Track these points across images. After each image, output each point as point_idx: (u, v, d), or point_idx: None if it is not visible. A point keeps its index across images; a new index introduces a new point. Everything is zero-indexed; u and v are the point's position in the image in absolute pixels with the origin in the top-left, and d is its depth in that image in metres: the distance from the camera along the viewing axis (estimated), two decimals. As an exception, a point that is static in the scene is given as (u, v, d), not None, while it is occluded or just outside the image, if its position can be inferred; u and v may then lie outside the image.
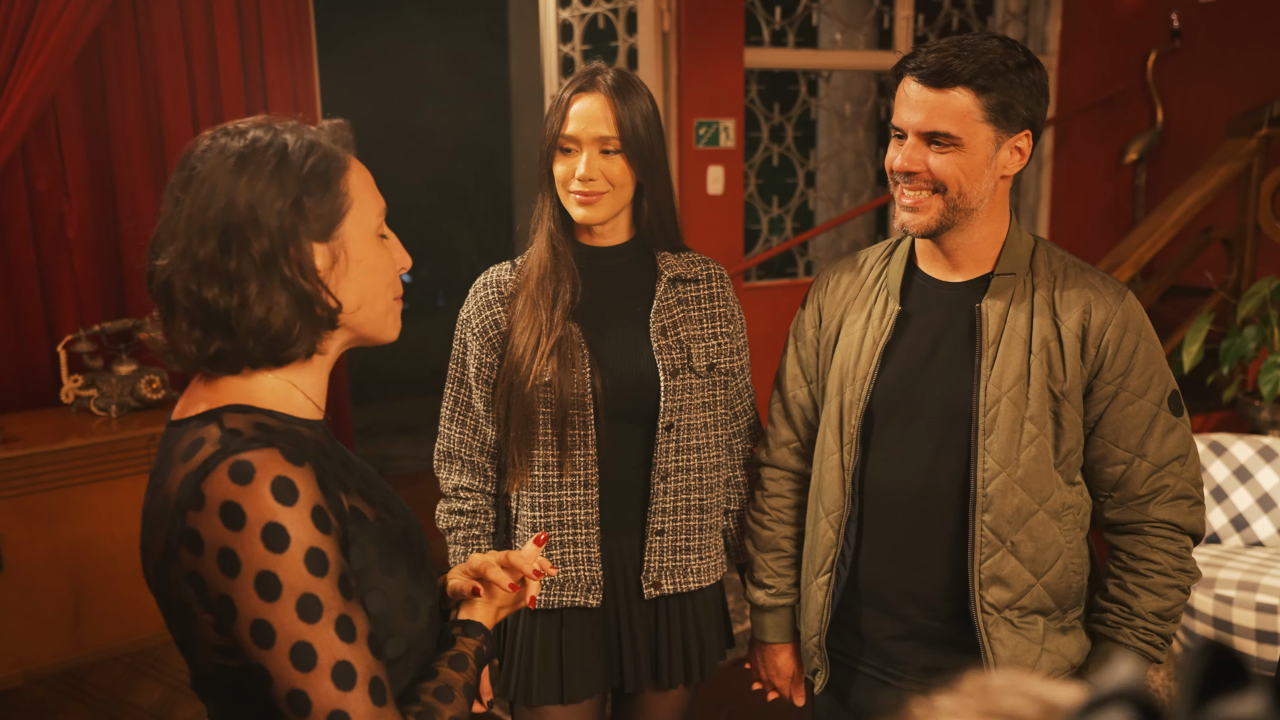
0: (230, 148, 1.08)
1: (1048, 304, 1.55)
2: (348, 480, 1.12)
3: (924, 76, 1.48)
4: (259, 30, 3.30)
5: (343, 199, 1.11)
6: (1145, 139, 5.37)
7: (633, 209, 1.78)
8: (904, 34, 5.00)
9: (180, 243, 1.06)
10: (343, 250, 1.11)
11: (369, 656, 1.01)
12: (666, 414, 1.74)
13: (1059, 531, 1.55)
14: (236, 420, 1.06)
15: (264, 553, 0.98)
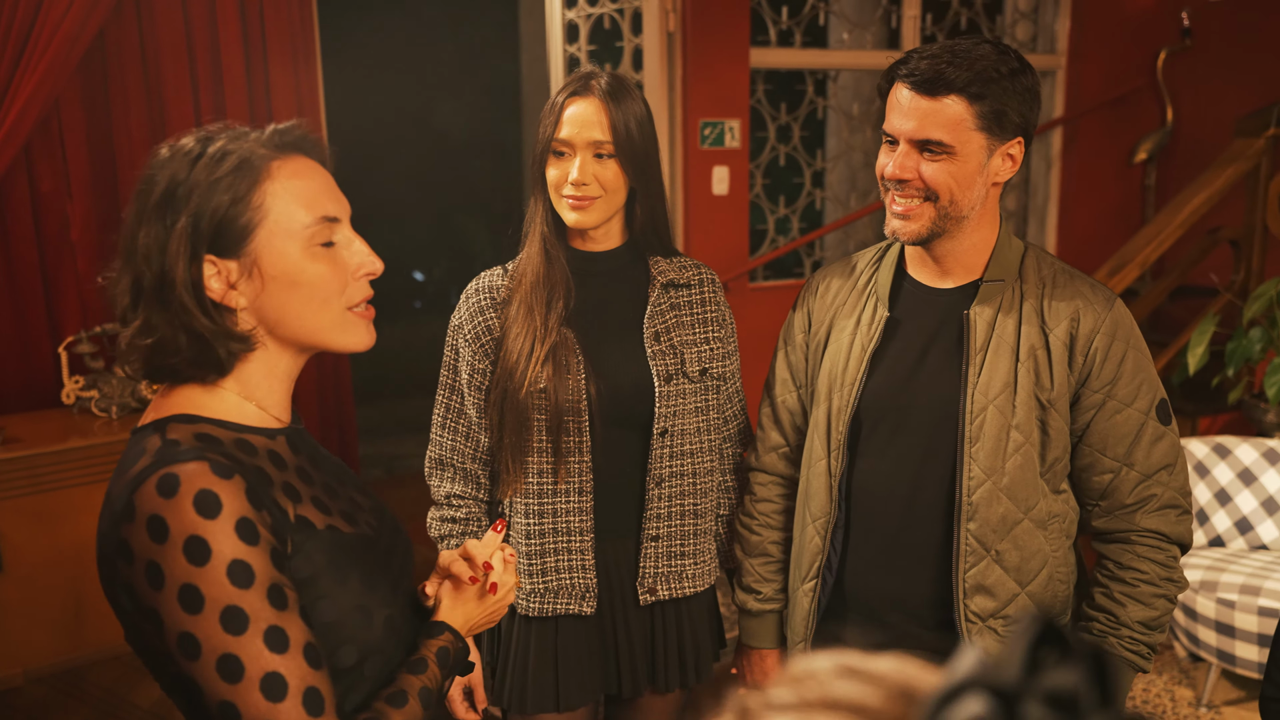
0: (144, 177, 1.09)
1: (1036, 311, 1.54)
2: (302, 488, 1.12)
3: (916, 84, 1.47)
4: (262, 32, 3.31)
5: (253, 213, 1.07)
6: (1155, 138, 5.34)
7: (626, 213, 1.78)
8: (911, 33, 4.98)
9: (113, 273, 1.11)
10: (255, 266, 1.08)
11: (304, 667, 1.00)
12: (661, 420, 1.74)
13: (1044, 540, 1.54)
14: (179, 431, 1.06)
15: (186, 566, 0.97)
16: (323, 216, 1.10)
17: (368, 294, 1.16)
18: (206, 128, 1.13)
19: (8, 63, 2.88)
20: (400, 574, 1.23)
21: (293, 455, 1.15)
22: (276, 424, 1.15)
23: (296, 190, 1.09)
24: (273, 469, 1.10)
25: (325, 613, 1.08)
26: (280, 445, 1.14)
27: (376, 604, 1.14)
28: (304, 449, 1.19)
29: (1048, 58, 5.33)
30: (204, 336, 1.07)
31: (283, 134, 1.13)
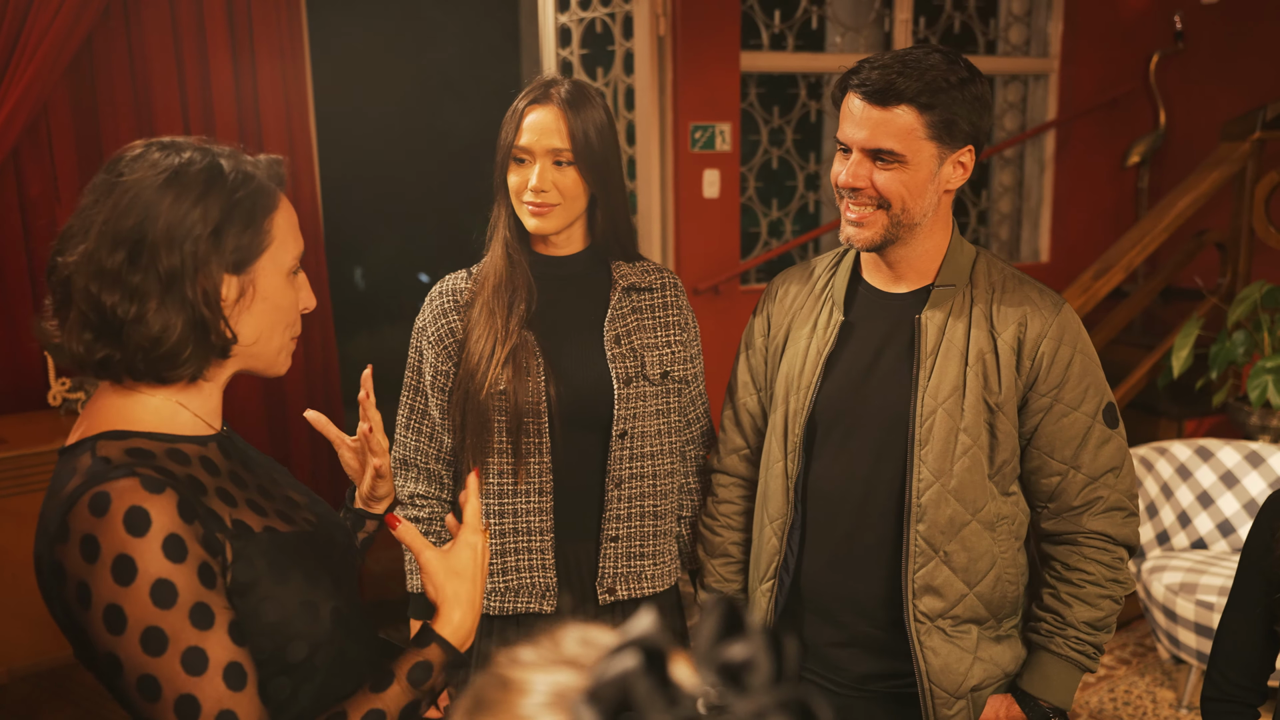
0: (162, 163, 1.09)
1: (985, 316, 1.56)
2: (236, 493, 1.14)
3: (868, 94, 1.49)
4: (250, 38, 3.35)
5: (264, 237, 1.13)
6: (1148, 141, 5.34)
7: (588, 219, 1.80)
8: (903, 37, 5.00)
9: (90, 245, 1.07)
10: (252, 285, 1.13)
11: (220, 689, 1.01)
12: (620, 421, 1.76)
13: (992, 542, 1.56)
14: (109, 448, 1.07)
15: (113, 586, 0.99)
16: (300, 251, 1.19)
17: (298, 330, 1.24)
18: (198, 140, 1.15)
19: (-4, 68, 2.92)
20: (342, 565, 1.25)
21: (225, 460, 1.18)
22: (209, 430, 1.18)
23: (292, 223, 1.18)
24: (206, 476, 1.12)
25: (270, 613, 1.10)
26: (212, 451, 1.16)
27: (321, 597, 1.16)
28: (235, 453, 1.21)
29: (1041, 61, 5.34)
30: (204, 341, 1.10)
31: (278, 166, 1.20)
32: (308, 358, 3.61)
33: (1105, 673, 3.38)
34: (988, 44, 5.35)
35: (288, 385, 3.55)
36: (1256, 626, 1.49)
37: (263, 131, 3.41)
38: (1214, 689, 1.54)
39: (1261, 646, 1.49)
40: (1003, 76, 5.40)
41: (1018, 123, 5.49)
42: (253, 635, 1.10)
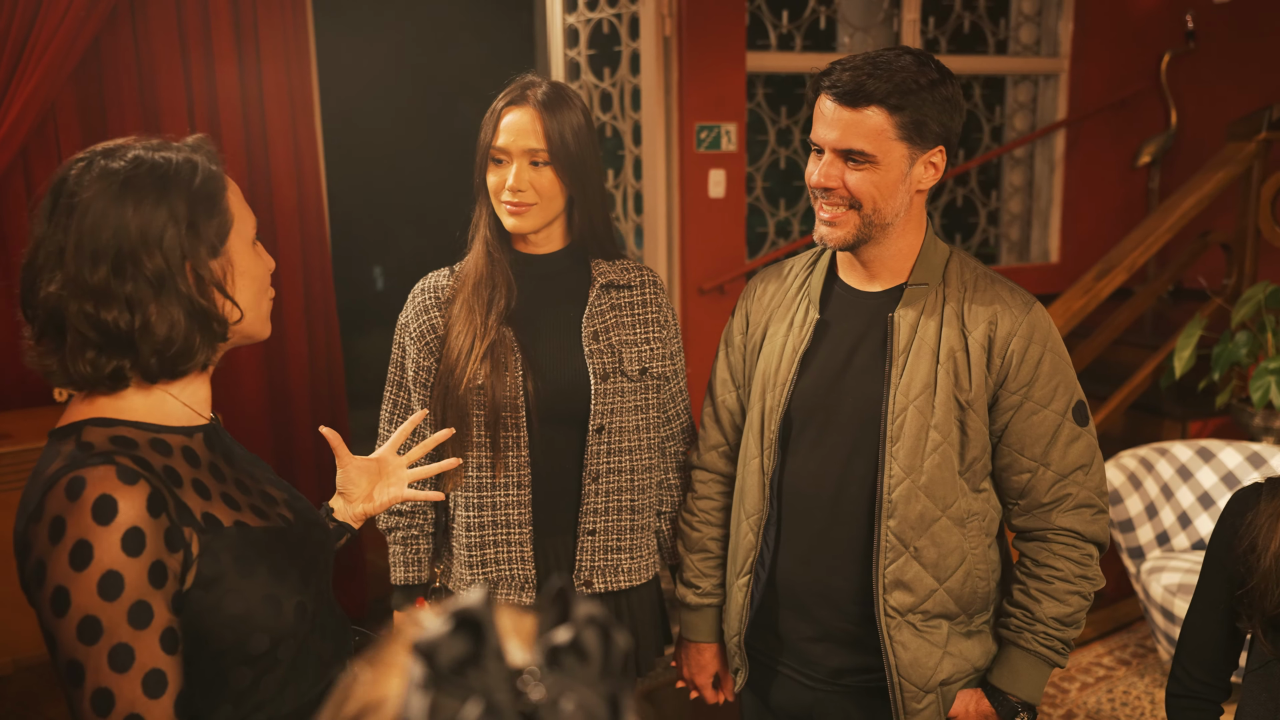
0: (111, 171, 1.11)
1: (957, 315, 1.57)
2: (212, 485, 1.17)
3: (838, 95, 1.51)
4: (255, 40, 3.39)
5: (227, 215, 1.17)
6: (1159, 141, 5.31)
7: (566, 218, 1.82)
8: (911, 36, 4.99)
9: (70, 269, 1.09)
10: (230, 264, 1.18)
11: (136, 690, 1.03)
12: (597, 417, 1.78)
13: (962, 538, 1.57)
14: (94, 434, 1.10)
15: (66, 569, 1.02)
16: (255, 220, 1.24)
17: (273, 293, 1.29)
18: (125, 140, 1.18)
19: (5, 67, 2.97)
20: (312, 562, 1.27)
21: (208, 452, 1.21)
22: (198, 420, 1.21)
23: (240, 196, 1.22)
24: (185, 467, 1.16)
25: (234, 605, 1.13)
26: (196, 443, 1.20)
27: (286, 592, 1.19)
28: (219, 446, 1.25)
29: (1051, 61, 5.32)
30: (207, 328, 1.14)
31: (207, 144, 1.22)
32: (312, 357, 3.65)
33: (1105, 673, 3.38)
34: (998, 43, 5.34)
35: (292, 384, 3.59)
36: (1220, 624, 1.49)
37: (268, 131, 3.45)
38: (1178, 685, 1.55)
39: (1224, 643, 1.50)
40: (1013, 76, 5.39)
41: (1028, 123, 5.48)
42: (216, 627, 1.13)
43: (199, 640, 1.12)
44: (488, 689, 0.47)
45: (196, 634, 1.12)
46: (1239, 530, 1.44)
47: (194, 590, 1.11)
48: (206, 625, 1.12)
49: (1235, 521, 1.46)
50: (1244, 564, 1.43)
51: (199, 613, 1.12)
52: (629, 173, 4.57)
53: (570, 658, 0.49)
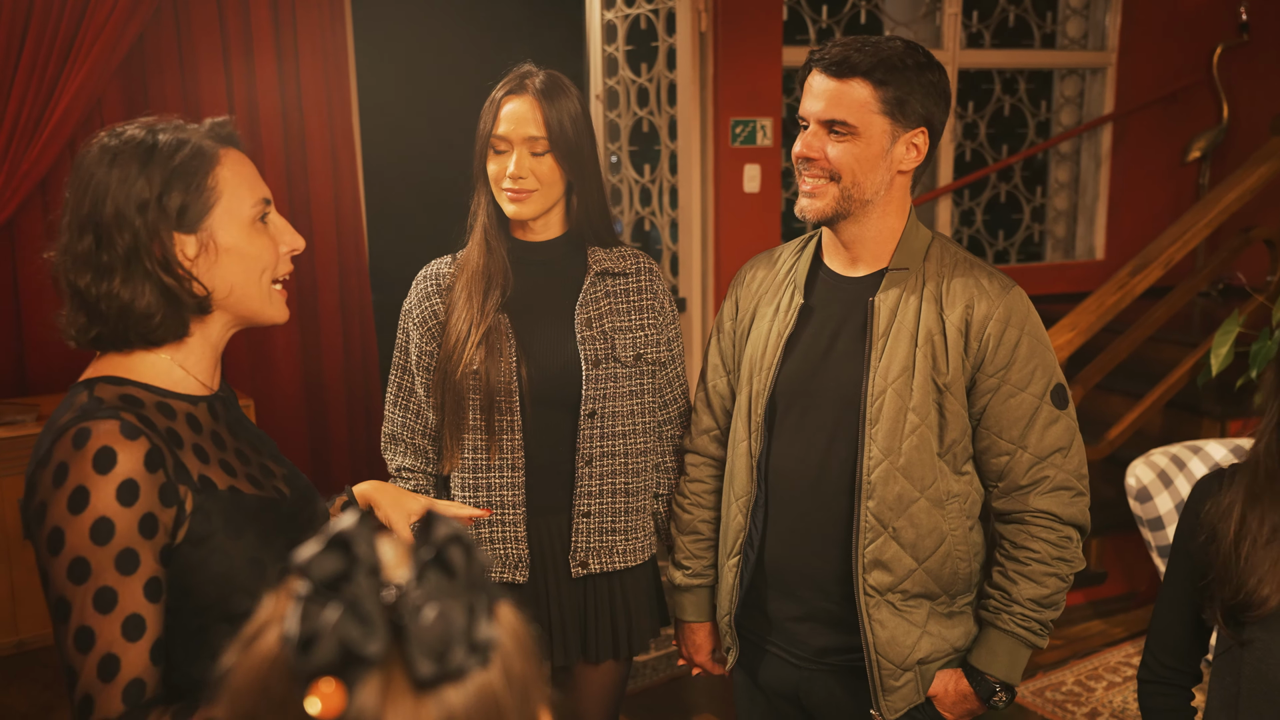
0: (107, 146, 1.18)
1: (935, 299, 1.58)
2: (212, 452, 1.23)
3: (825, 66, 1.55)
4: (294, 37, 3.49)
5: (209, 193, 1.21)
6: (1209, 136, 5.20)
7: (565, 205, 1.87)
8: (952, 31, 4.96)
9: (65, 237, 1.17)
10: (211, 240, 1.21)
11: (114, 632, 1.08)
12: (589, 402, 1.82)
13: (941, 519, 1.58)
14: (106, 390, 1.17)
15: (64, 511, 1.08)
16: (261, 197, 1.26)
17: (290, 269, 1.31)
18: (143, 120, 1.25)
19: (54, 64, 3.10)
20: (302, 535, 1.33)
21: (211, 421, 1.27)
22: (203, 390, 1.27)
23: (243, 174, 1.24)
24: (188, 432, 1.22)
25: (218, 564, 1.19)
26: (201, 411, 1.26)
27: (271, 558, 1.24)
28: (224, 416, 1.31)
29: (1098, 54, 5.24)
30: (175, 302, 1.19)
31: (220, 127, 1.27)
32: (347, 348, 3.74)
33: (1132, 673, 3.33)
34: (1044, 37, 5.27)
35: (326, 374, 3.69)
36: (1185, 611, 1.49)
37: (305, 126, 3.55)
38: (1148, 671, 1.54)
39: (1191, 631, 1.49)
40: (1059, 71, 5.32)
41: (1074, 118, 5.40)
42: (201, 583, 1.18)
43: (184, 594, 1.18)
44: (356, 599, 0.51)
45: (182, 588, 1.18)
46: (1201, 518, 1.44)
47: (184, 545, 1.17)
48: (192, 581, 1.18)
49: (1198, 509, 1.45)
50: (1204, 553, 1.42)
51: (186, 568, 1.17)
52: (664, 168, 4.60)
53: (437, 573, 0.53)
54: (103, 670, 1.08)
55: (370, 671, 0.51)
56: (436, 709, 0.52)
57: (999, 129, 5.32)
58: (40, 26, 3.08)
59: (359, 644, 0.50)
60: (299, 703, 0.51)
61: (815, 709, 1.72)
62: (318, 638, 0.50)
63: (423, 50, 6.04)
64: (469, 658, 0.53)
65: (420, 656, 0.52)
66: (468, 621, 0.53)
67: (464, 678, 0.53)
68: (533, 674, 0.58)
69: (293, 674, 0.52)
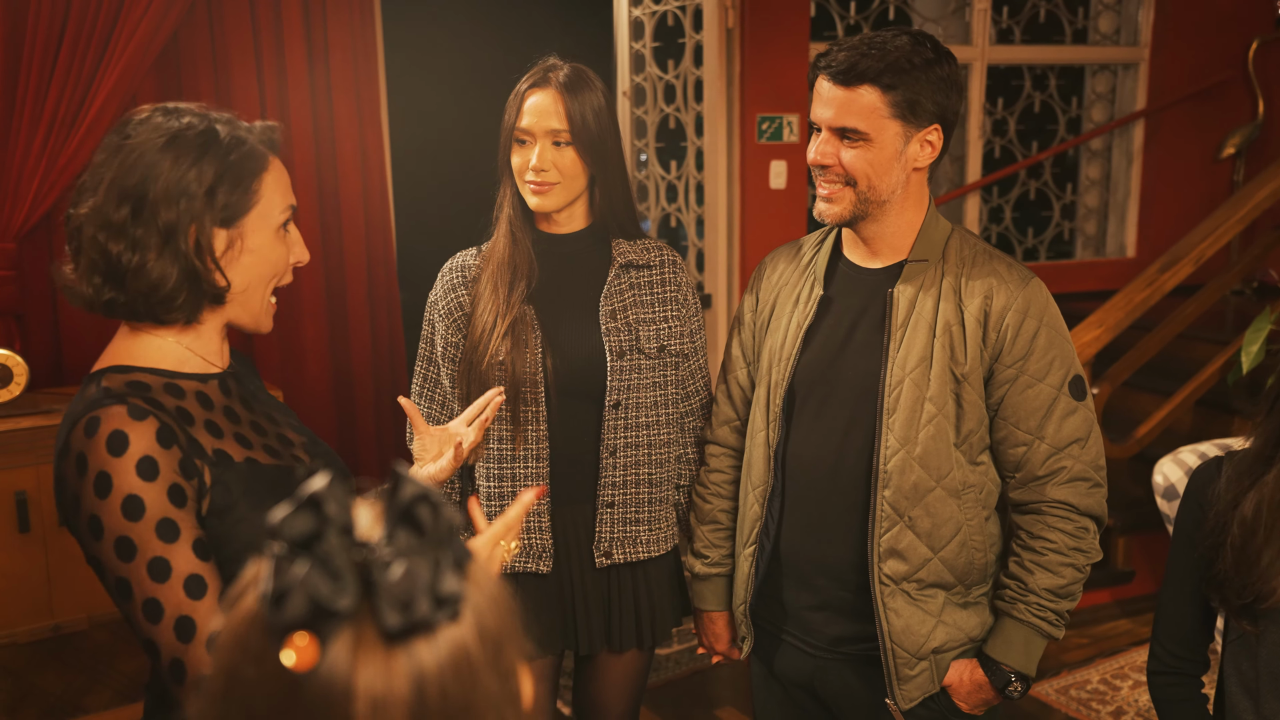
0: (163, 127, 1.21)
1: (954, 289, 1.59)
2: (226, 426, 1.26)
3: (833, 74, 1.55)
4: (325, 36, 3.54)
5: (253, 196, 1.25)
6: (1245, 132, 5.14)
7: (589, 198, 1.89)
8: (981, 26, 4.93)
9: (99, 199, 1.20)
10: (240, 239, 1.25)
11: (179, 595, 1.12)
12: (613, 393, 1.84)
13: (957, 509, 1.59)
14: (114, 379, 1.21)
15: (94, 499, 1.13)
16: (289, 205, 1.30)
17: (290, 279, 1.35)
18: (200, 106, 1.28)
19: (91, 61, 3.17)
20: None
21: (222, 397, 1.30)
22: (211, 368, 1.31)
23: (282, 182, 1.29)
24: (198, 409, 1.25)
25: (245, 534, 1.22)
26: (211, 388, 1.29)
27: None
28: (237, 391, 1.34)
29: (1130, 50, 5.19)
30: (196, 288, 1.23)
31: (271, 132, 1.31)
32: (375, 345, 3.79)
33: (1159, 673, 3.31)
34: (1075, 33, 5.23)
35: (355, 367, 3.74)
36: (1191, 601, 1.49)
37: (335, 123, 3.60)
38: (1157, 662, 1.54)
39: (1198, 619, 1.49)
40: (1091, 67, 5.28)
41: (1106, 114, 5.36)
42: (229, 555, 1.21)
43: (218, 568, 1.21)
44: (327, 556, 0.54)
45: (215, 562, 1.21)
46: (1204, 506, 1.44)
47: (209, 518, 1.21)
48: (224, 554, 1.21)
49: (1200, 496, 1.46)
50: (1208, 542, 1.42)
51: (215, 541, 1.21)
52: (690, 164, 4.61)
53: (406, 531, 0.55)
54: (180, 633, 1.12)
55: (342, 625, 0.54)
56: (407, 661, 0.54)
57: (1029, 125, 5.29)
58: (78, 25, 3.15)
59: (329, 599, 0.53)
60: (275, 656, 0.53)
61: (830, 698, 1.73)
62: (289, 592, 0.53)
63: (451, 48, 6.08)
64: (436, 611, 0.55)
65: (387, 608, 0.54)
66: (433, 575, 0.55)
67: (433, 631, 0.55)
68: (508, 631, 0.60)
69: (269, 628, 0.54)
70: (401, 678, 0.54)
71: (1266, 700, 1.39)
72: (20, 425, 2.93)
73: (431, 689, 0.55)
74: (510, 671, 0.59)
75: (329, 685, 0.53)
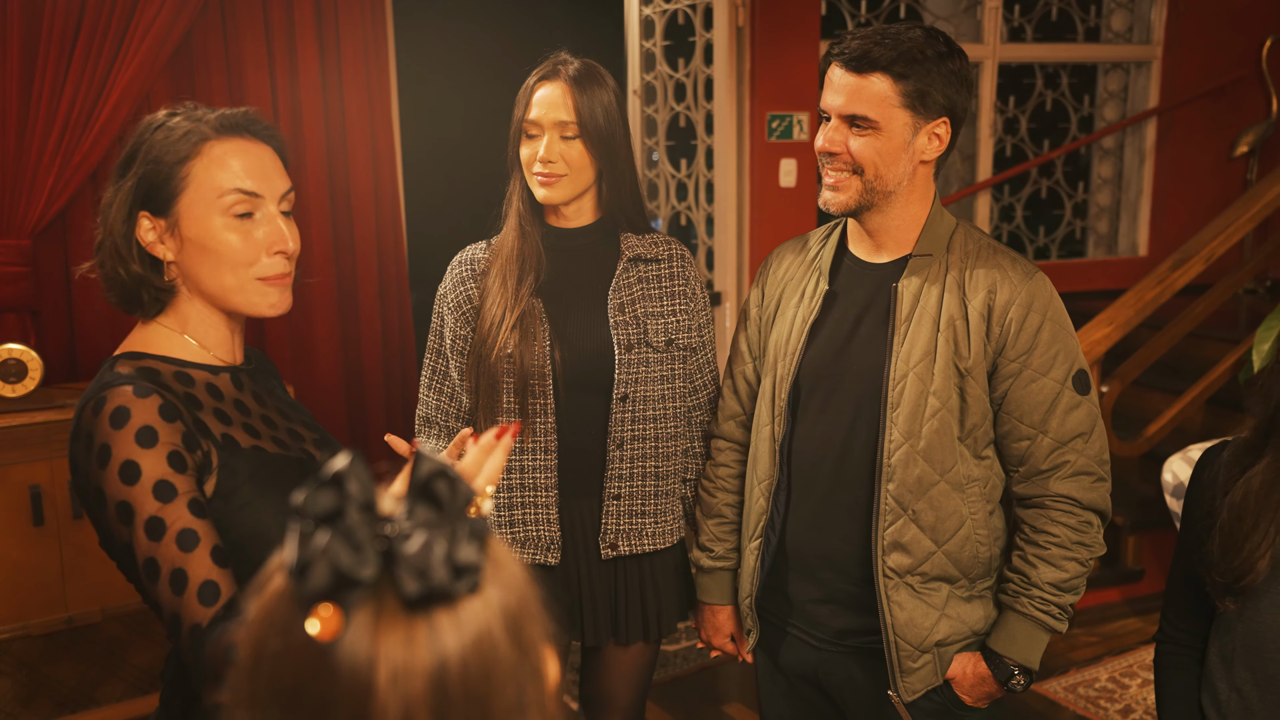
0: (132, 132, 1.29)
1: (958, 284, 1.60)
2: (235, 416, 1.29)
3: (846, 61, 1.56)
4: (336, 36, 3.56)
5: (178, 180, 1.23)
6: (1258, 130, 5.12)
7: (597, 192, 1.90)
8: (993, 25, 4.92)
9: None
10: (176, 226, 1.25)
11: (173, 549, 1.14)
12: (621, 386, 1.85)
13: (961, 502, 1.60)
14: (125, 365, 1.25)
15: (97, 469, 1.16)
16: (239, 189, 1.25)
17: (283, 269, 1.30)
18: (181, 103, 1.31)
19: (105, 60, 3.19)
20: None
21: (234, 390, 1.32)
22: (221, 363, 1.33)
23: (224, 166, 1.24)
24: (207, 398, 1.28)
25: (249, 519, 1.24)
26: (222, 381, 1.31)
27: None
28: (249, 387, 1.35)
29: (1143, 48, 5.18)
30: (136, 278, 1.27)
31: (228, 117, 1.29)
32: (385, 341, 3.81)
33: (1168, 672, 3.30)
34: (1088, 31, 5.22)
35: (365, 367, 3.76)
36: (1190, 577, 1.50)
37: (346, 121, 3.62)
38: (1163, 634, 1.56)
39: (1199, 594, 1.50)
40: (1103, 65, 5.26)
41: (1118, 113, 5.34)
42: (238, 539, 1.23)
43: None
44: (349, 530, 0.55)
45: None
46: (1203, 487, 1.47)
47: (215, 501, 1.23)
48: (230, 538, 1.23)
49: (1200, 479, 1.48)
50: (1200, 525, 1.45)
51: (221, 524, 1.22)
52: (701, 162, 4.62)
53: (425, 505, 0.57)
54: (174, 585, 1.13)
55: (364, 596, 0.55)
56: (428, 632, 0.56)
57: (1040, 124, 5.28)
58: (93, 24, 3.17)
59: (352, 569, 0.54)
60: (301, 627, 0.55)
61: (835, 690, 1.74)
62: (312, 563, 0.54)
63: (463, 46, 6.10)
64: (455, 581, 0.56)
65: (406, 577, 0.56)
66: (450, 545, 0.57)
67: (453, 602, 0.56)
68: (528, 607, 0.61)
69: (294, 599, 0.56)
70: (422, 647, 0.56)
71: (1238, 670, 1.43)
72: (35, 419, 2.96)
73: (452, 659, 0.56)
74: (531, 646, 0.61)
75: (352, 654, 0.55)
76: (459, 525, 0.58)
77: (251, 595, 0.63)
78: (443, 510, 0.58)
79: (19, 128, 3.17)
